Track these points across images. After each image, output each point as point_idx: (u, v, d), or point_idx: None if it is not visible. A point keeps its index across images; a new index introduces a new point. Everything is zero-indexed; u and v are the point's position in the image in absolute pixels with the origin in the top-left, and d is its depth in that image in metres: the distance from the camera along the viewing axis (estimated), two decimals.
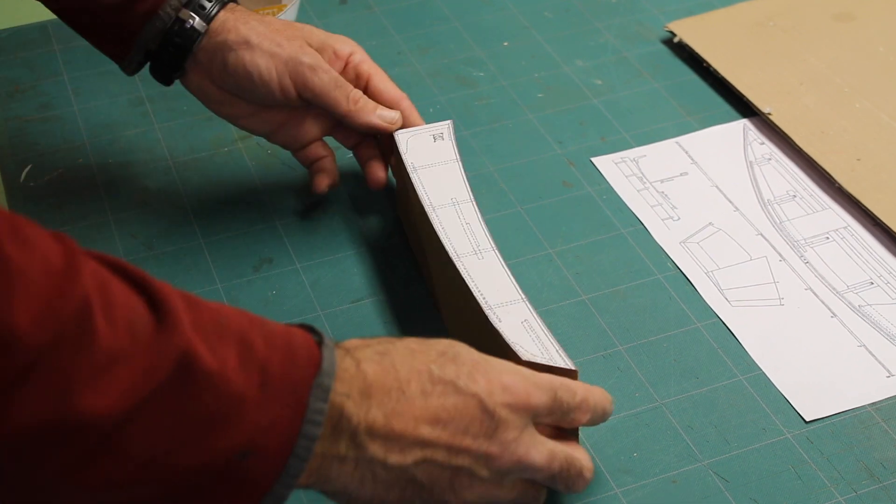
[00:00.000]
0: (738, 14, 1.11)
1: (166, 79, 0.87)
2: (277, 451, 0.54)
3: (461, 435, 0.61)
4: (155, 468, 0.52)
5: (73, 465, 0.50)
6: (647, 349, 0.82)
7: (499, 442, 0.62)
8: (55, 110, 1.04)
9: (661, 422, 0.77)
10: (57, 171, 0.97)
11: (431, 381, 0.61)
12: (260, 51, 0.84)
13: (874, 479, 0.73)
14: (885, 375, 0.80)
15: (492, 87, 1.06)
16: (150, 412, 0.51)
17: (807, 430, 0.77)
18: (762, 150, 0.98)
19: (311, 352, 0.57)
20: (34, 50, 1.10)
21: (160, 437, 0.51)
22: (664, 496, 0.73)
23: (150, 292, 0.53)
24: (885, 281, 0.86)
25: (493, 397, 0.62)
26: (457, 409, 0.61)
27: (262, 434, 0.53)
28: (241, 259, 0.89)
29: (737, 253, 0.89)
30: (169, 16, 0.83)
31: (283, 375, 0.55)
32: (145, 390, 0.50)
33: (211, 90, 0.87)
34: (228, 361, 0.53)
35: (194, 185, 0.96)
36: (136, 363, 0.50)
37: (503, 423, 0.62)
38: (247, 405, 0.53)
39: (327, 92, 0.85)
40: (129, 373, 0.50)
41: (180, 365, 0.51)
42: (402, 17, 1.14)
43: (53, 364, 0.48)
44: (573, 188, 0.95)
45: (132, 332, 0.51)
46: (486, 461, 0.62)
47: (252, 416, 0.53)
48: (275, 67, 0.84)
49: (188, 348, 0.52)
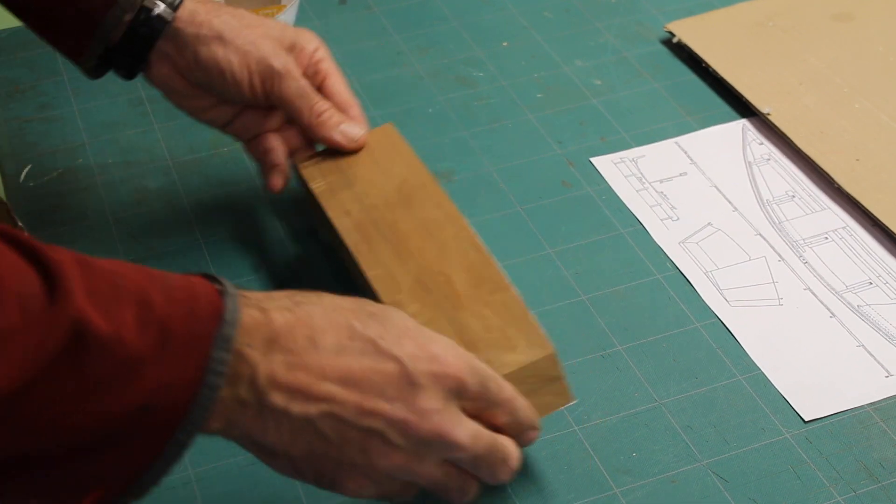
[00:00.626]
0: (737, 14, 1.11)
1: (130, 72, 0.85)
2: (180, 403, 0.55)
3: (374, 397, 0.59)
4: (53, 432, 0.52)
5: None
6: (647, 349, 0.82)
7: (417, 410, 0.60)
8: (55, 110, 1.04)
9: (660, 422, 0.77)
10: (57, 171, 0.97)
11: (350, 337, 0.60)
12: (233, 47, 0.83)
13: (873, 479, 0.73)
14: (884, 375, 0.80)
15: (491, 87, 1.06)
16: (45, 383, 0.51)
17: (806, 430, 0.77)
18: (761, 151, 0.98)
19: (214, 303, 0.56)
20: (34, 50, 1.10)
21: (56, 405, 0.52)
22: (663, 496, 0.73)
23: (42, 261, 0.53)
24: (883, 281, 0.86)
25: (418, 364, 0.60)
26: (373, 370, 0.59)
27: (163, 390, 0.54)
28: (241, 259, 0.89)
29: (736, 253, 0.89)
30: (132, 3, 0.81)
31: (184, 330, 0.55)
32: (38, 363, 0.51)
33: (176, 82, 0.85)
34: (125, 324, 0.53)
35: (194, 185, 0.96)
36: (28, 338, 0.50)
37: (424, 390, 0.60)
38: (146, 365, 0.53)
39: (292, 100, 0.84)
40: (21, 348, 0.50)
41: (73, 334, 0.51)
42: (402, 17, 1.14)
43: None
44: (572, 188, 0.95)
45: (23, 306, 0.50)
46: (401, 428, 0.60)
47: (152, 375, 0.53)
48: (247, 67, 0.83)
49: (81, 317, 0.52)
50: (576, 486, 0.73)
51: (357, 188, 0.83)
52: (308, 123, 0.85)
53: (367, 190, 0.82)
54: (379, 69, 1.08)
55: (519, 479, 0.73)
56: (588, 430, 0.76)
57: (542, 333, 0.70)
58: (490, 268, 0.75)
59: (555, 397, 0.71)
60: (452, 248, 0.77)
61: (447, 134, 1.01)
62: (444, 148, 0.99)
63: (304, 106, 0.84)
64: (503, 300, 0.73)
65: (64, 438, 0.53)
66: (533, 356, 0.69)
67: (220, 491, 0.73)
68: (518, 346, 0.70)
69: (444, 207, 0.80)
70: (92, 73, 0.84)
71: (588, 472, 0.74)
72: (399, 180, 0.83)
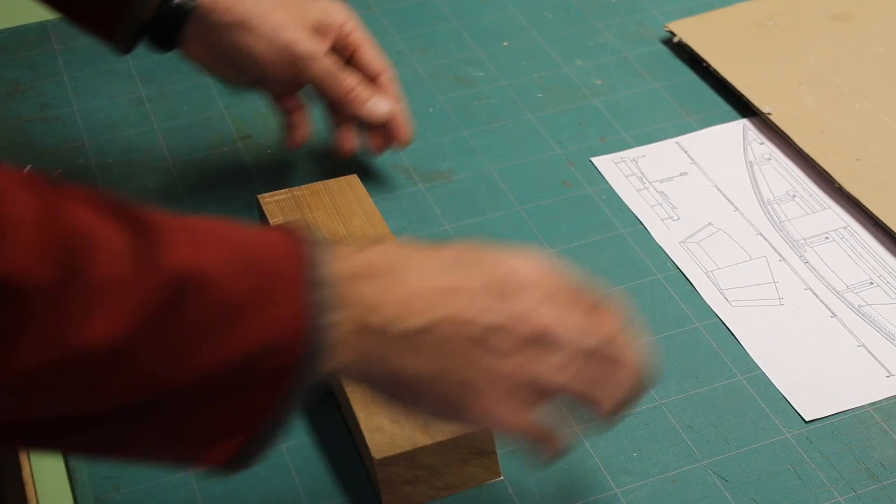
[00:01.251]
0: (737, 14, 1.11)
1: (166, 49, 0.88)
2: (291, 346, 0.54)
3: (478, 305, 0.57)
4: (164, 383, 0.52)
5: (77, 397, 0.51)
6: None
7: (519, 310, 0.58)
8: (55, 110, 1.04)
9: (660, 422, 0.77)
10: (57, 172, 0.97)
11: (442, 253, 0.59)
12: (256, 35, 0.85)
13: (873, 479, 0.73)
14: (885, 375, 0.80)
15: (491, 87, 1.06)
16: (150, 334, 0.51)
17: (806, 430, 0.77)
18: (762, 150, 0.98)
19: (306, 245, 0.56)
20: (34, 50, 1.10)
21: (164, 355, 0.52)
22: (664, 496, 0.73)
23: (136, 216, 0.53)
24: (884, 281, 0.86)
25: (520, 268, 0.59)
26: (470, 280, 0.58)
27: (271, 334, 0.53)
28: None
29: (736, 253, 0.89)
30: None
31: (284, 272, 0.54)
32: (142, 314, 0.50)
33: (207, 59, 0.87)
34: (224, 270, 0.53)
35: (194, 185, 0.96)
36: (130, 289, 0.50)
37: (524, 291, 0.58)
38: (250, 310, 0.53)
39: (319, 82, 0.87)
40: (125, 300, 0.50)
41: (175, 283, 0.51)
42: (402, 17, 1.14)
43: (49, 305, 0.49)
44: (573, 188, 0.95)
45: (122, 260, 0.51)
46: (508, 328, 0.57)
47: (257, 319, 0.53)
48: (271, 55, 0.85)
49: (181, 266, 0.52)
50: (576, 486, 0.73)
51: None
52: (338, 102, 0.88)
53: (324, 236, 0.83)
54: None
55: (519, 479, 0.73)
56: (588, 430, 0.76)
57: None
58: None
59: (484, 471, 0.73)
60: None
61: (447, 134, 1.01)
62: (444, 148, 0.99)
63: (332, 86, 0.87)
64: None
65: (177, 389, 0.52)
66: (469, 427, 0.71)
67: (220, 491, 0.73)
68: None
69: None
70: (123, 52, 0.87)
71: (588, 472, 0.74)
72: (359, 232, 0.84)
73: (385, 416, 0.72)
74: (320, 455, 0.76)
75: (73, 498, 0.73)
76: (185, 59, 0.89)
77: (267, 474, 0.74)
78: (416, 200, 0.94)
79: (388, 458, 0.70)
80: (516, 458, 0.74)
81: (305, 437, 0.77)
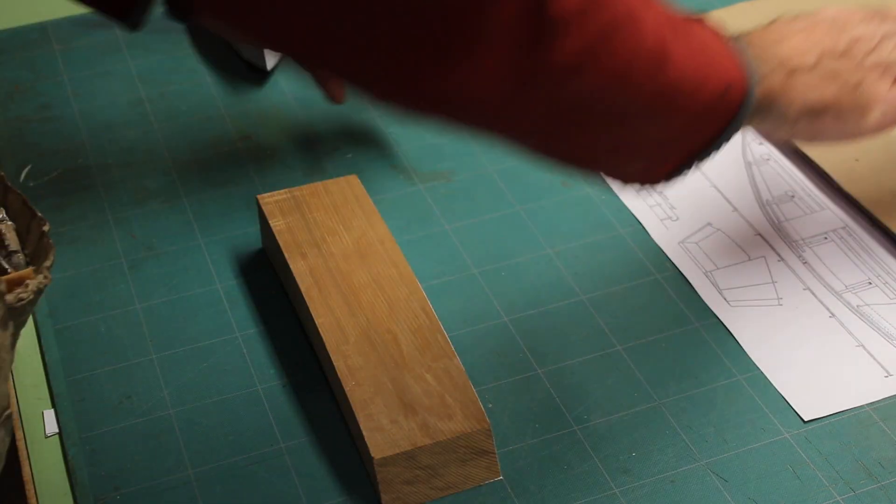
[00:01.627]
0: (737, 14, 1.11)
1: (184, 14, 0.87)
2: (740, 87, 0.70)
3: (833, 35, 0.78)
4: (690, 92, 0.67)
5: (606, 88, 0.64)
6: (646, 349, 0.82)
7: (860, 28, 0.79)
8: (55, 110, 1.04)
9: (659, 421, 0.77)
10: (57, 171, 0.97)
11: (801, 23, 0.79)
12: None
13: (872, 479, 0.73)
14: (884, 375, 0.80)
15: None
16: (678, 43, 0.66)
17: (805, 430, 0.77)
18: (761, 151, 0.98)
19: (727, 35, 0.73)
20: (34, 50, 1.10)
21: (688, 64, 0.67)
22: (662, 496, 0.73)
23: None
24: (883, 281, 0.86)
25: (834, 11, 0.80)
26: (822, 28, 0.79)
27: (734, 73, 0.70)
28: (241, 259, 0.89)
29: (735, 253, 0.89)
30: None
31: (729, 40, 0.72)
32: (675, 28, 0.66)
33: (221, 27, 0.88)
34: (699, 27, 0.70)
35: (194, 185, 0.96)
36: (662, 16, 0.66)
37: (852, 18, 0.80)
38: (727, 52, 0.70)
39: None
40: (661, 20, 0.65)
41: (686, 19, 0.68)
42: None
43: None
44: (572, 188, 0.95)
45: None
46: (861, 36, 0.78)
47: (729, 60, 0.70)
48: None
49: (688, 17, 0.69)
50: (576, 486, 0.73)
51: (316, 233, 0.84)
52: None
53: (325, 237, 0.84)
54: None
55: (519, 479, 0.74)
56: (588, 430, 0.76)
57: (481, 407, 0.73)
58: (437, 334, 0.77)
59: (483, 471, 0.73)
60: (403, 308, 0.79)
61: (447, 134, 1.01)
62: (444, 148, 0.99)
63: None
64: (446, 368, 0.75)
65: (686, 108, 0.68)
66: (468, 427, 0.72)
67: (220, 491, 0.74)
68: (455, 415, 0.72)
69: (400, 267, 0.82)
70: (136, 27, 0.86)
71: (588, 472, 0.74)
72: (358, 233, 0.84)
73: (385, 416, 0.72)
74: (320, 455, 0.76)
75: (73, 498, 0.74)
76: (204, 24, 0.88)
77: (267, 474, 0.75)
78: (416, 200, 0.94)
79: (387, 458, 0.70)
80: (516, 457, 0.75)
81: (305, 437, 0.77)
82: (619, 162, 0.72)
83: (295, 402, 0.79)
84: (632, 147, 0.70)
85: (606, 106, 0.65)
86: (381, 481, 0.71)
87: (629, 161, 0.72)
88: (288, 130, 1.01)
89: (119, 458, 0.75)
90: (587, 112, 0.65)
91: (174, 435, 0.77)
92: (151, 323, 0.84)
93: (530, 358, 0.81)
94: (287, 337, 0.83)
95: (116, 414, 0.78)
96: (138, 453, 0.76)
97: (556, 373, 0.80)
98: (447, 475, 0.72)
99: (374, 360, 0.76)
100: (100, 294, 0.87)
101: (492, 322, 0.84)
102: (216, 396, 0.79)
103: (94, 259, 0.89)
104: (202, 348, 0.83)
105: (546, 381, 0.80)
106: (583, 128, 0.66)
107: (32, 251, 0.71)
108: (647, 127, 0.68)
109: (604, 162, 0.71)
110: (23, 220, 0.72)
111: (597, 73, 0.63)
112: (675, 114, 0.68)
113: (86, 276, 0.88)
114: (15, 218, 0.72)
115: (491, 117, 0.64)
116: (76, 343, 0.83)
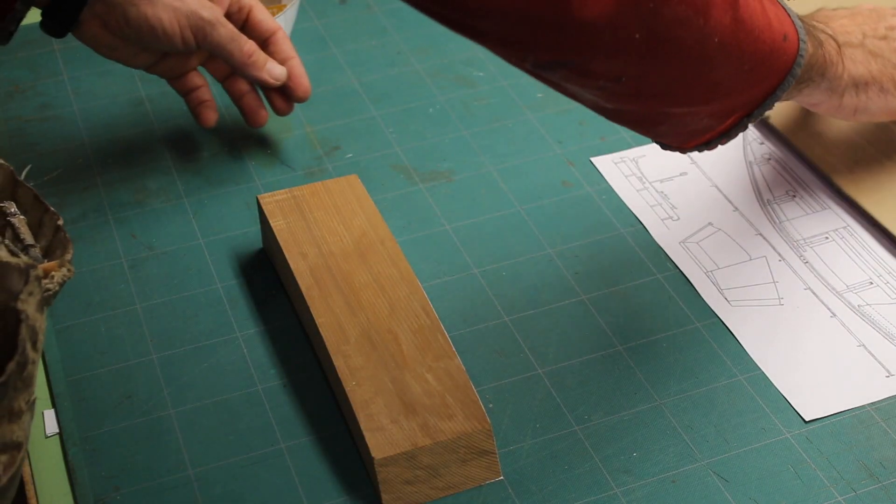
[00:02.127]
0: None
1: (61, 32, 0.90)
2: (794, 38, 0.76)
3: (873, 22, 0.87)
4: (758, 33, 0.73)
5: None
6: (647, 349, 0.82)
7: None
8: (55, 110, 1.04)
9: (660, 421, 0.77)
10: (57, 171, 0.97)
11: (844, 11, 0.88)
12: (161, 5, 0.88)
13: (873, 479, 0.73)
14: (885, 375, 0.80)
15: (491, 87, 1.06)
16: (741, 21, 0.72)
17: (806, 430, 0.77)
18: (762, 150, 0.98)
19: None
20: (34, 50, 1.10)
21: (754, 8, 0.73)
22: (664, 496, 0.73)
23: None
24: (884, 281, 0.86)
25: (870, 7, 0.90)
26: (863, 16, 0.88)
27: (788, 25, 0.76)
28: (241, 259, 0.89)
29: (736, 253, 0.89)
30: None
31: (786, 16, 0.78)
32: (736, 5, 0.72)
33: (106, 39, 0.90)
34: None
35: (194, 185, 0.96)
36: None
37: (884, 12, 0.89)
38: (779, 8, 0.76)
39: (224, 45, 0.91)
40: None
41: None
42: (402, 17, 1.14)
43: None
44: (573, 188, 0.95)
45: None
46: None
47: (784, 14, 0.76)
48: (177, 21, 0.89)
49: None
50: (576, 486, 0.73)
51: (316, 233, 0.84)
52: (240, 64, 0.93)
53: (325, 236, 0.84)
54: (379, 69, 1.08)
55: (519, 479, 0.74)
56: (588, 430, 0.76)
57: (481, 407, 0.73)
58: (438, 334, 0.77)
59: (484, 471, 0.73)
60: (403, 308, 0.79)
61: (447, 134, 1.01)
62: (444, 148, 0.99)
63: (235, 50, 0.92)
64: (447, 368, 0.75)
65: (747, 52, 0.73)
66: (469, 427, 0.72)
67: (220, 491, 0.73)
68: (455, 415, 0.72)
69: (400, 266, 0.82)
70: (6, 39, 0.89)
71: (588, 472, 0.74)
72: (359, 233, 0.84)
73: (385, 416, 0.72)
74: (320, 455, 0.76)
75: (73, 498, 0.73)
76: (81, 40, 0.91)
77: (267, 474, 0.74)
78: (416, 200, 0.94)
79: (387, 458, 0.70)
80: (517, 457, 0.74)
81: (305, 437, 0.77)
82: (691, 113, 0.75)
83: (295, 402, 0.79)
84: (706, 92, 0.74)
85: (693, 38, 0.70)
86: (382, 481, 0.71)
87: (699, 113, 0.75)
88: (288, 130, 1.01)
89: (119, 458, 0.75)
90: (675, 44, 0.69)
91: (174, 435, 0.77)
92: (151, 323, 0.84)
93: (531, 358, 0.81)
94: (287, 337, 0.83)
95: (116, 414, 0.78)
96: (138, 453, 0.76)
97: (557, 373, 0.80)
98: (448, 475, 0.72)
99: (375, 359, 0.76)
100: (100, 294, 0.87)
101: (492, 322, 0.84)
102: (216, 396, 0.79)
103: (94, 259, 0.89)
104: (202, 348, 0.82)
105: (547, 380, 0.80)
106: (669, 62, 0.70)
107: (47, 245, 0.71)
108: (722, 66, 0.73)
109: (677, 113, 0.75)
110: (34, 215, 0.72)
111: (683, 3, 0.68)
112: (745, 55, 0.73)
113: (86, 276, 0.88)
114: (26, 213, 0.72)
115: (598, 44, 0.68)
116: (76, 343, 0.83)
